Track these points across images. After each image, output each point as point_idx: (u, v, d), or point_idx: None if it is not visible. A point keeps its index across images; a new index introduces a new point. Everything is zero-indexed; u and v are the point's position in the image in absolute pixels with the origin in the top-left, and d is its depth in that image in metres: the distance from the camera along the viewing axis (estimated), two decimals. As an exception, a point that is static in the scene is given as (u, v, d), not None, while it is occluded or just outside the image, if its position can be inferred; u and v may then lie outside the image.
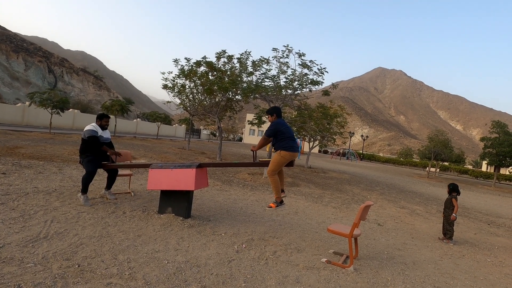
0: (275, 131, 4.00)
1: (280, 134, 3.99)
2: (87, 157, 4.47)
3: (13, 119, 19.41)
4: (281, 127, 4.01)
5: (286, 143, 3.95)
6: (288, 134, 4.00)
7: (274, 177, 3.98)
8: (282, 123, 4.09)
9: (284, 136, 3.98)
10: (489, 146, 20.62)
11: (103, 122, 4.71)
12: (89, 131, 4.50)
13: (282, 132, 3.98)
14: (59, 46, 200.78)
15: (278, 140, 4.00)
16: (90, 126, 4.58)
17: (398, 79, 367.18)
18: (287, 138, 3.98)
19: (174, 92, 14.23)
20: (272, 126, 4.04)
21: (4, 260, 2.50)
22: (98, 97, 49.02)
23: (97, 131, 4.57)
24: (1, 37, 41.79)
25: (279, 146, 3.98)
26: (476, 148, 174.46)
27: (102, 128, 4.69)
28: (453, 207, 5.30)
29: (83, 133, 4.52)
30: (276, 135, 4.01)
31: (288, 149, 3.94)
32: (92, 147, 4.51)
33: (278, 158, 3.95)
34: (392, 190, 11.86)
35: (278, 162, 3.96)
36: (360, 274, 3.29)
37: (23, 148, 8.69)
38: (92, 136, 4.48)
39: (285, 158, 3.95)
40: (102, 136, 4.65)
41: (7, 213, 3.58)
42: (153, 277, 2.60)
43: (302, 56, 9.81)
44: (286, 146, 3.94)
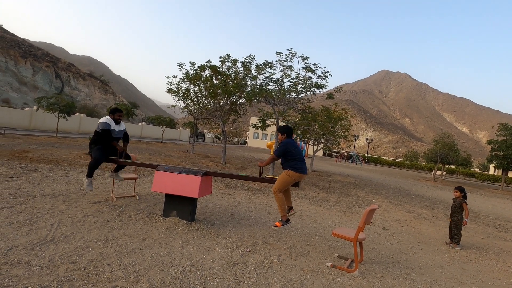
0: (285, 151, 4.00)
1: (289, 154, 3.99)
2: (96, 146, 4.62)
3: (21, 123, 19.72)
4: (291, 147, 4.01)
5: (295, 164, 3.94)
6: (297, 155, 4.00)
7: (279, 195, 3.96)
8: (292, 143, 4.09)
9: (293, 156, 3.97)
10: (496, 149, 20.36)
11: (116, 116, 4.83)
12: (103, 123, 4.62)
13: (292, 152, 3.98)
14: (66, 52, 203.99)
15: (287, 160, 4.00)
16: (104, 118, 4.71)
17: (403, 81, 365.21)
18: (296, 159, 3.98)
19: (179, 96, 14.34)
20: (282, 146, 4.04)
21: (11, 263, 2.53)
22: (104, 102, 49.58)
23: (111, 125, 4.69)
24: (10, 43, 42.62)
25: (287, 165, 3.98)
26: (483, 151, 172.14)
27: (116, 122, 4.80)
28: (462, 211, 5.23)
29: (97, 125, 4.66)
30: (285, 155, 4.01)
31: (297, 170, 3.92)
32: (103, 140, 4.63)
33: (285, 178, 3.94)
34: (398, 194, 11.75)
35: (285, 181, 3.95)
36: (365, 279, 3.26)
37: (30, 152, 8.82)
38: (105, 129, 4.60)
39: (293, 178, 3.94)
40: (115, 130, 4.76)
41: (14, 216, 3.63)
42: (158, 280, 2.61)
43: (305, 60, 9.82)
44: (295, 167, 3.93)
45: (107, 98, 51.66)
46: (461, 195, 5.32)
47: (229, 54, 12.13)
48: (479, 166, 52.53)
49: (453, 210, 5.35)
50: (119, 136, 4.88)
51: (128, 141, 5.14)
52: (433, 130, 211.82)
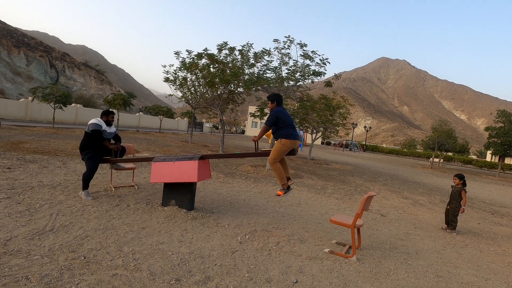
0: (275, 119, 3.98)
1: (280, 122, 3.97)
2: (87, 154, 4.47)
3: (17, 114, 19.52)
4: (281, 115, 3.98)
5: (286, 131, 3.93)
6: (288, 122, 3.98)
7: (276, 165, 3.97)
8: (282, 110, 4.06)
9: (284, 124, 3.96)
10: (494, 136, 20.43)
11: (110, 118, 4.73)
12: (93, 124, 4.51)
13: (282, 120, 3.96)
14: (60, 41, 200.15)
15: (278, 128, 3.98)
16: (95, 120, 4.58)
17: (402, 69, 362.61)
18: (287, 126, 3.96)
19: (176, 85, 14.18)
20: (272, 114, 4.01)
21: (11, 253, 2.54)
22: (100, 92, 49.05)
23: (101, 126, 4.58)
24: (2, 32, 41.69)
25: (279, 134, 3.97)
26: (481, 138, 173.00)
27: (108, 124, 4.71)
28: (460, 199, 5.26)
29: (87, 126, 4.54)
30: (276, 123, 3.99)
31: (288, 137, 3.92)
32: (94, 142, 4.51)
33: (279, 146, 3.94)
34: (395, 181, 11.84)
35: (279, 150, 3.95)
36: (362, 264, 3.31)
37: (27, 143, 8.76)
38: (96, 130, 4.50)
39: (286, 146, 3.93)
40: (106, 131, 4.66)
41: (13, 207, 3.63)
42: (158, 268, 2.63)
43: (303, 47, 9.67)
44: (286, 134, 3.93)
45: (103, 88, 51.09)
46: (461, 182, 5.33)
47: (226, 42, 11.91)
48: (476, 153, 52.87)
49: (452, 197, 5.36)
50: (109, 137, 4.77)
51: (120, 141, 5.01)
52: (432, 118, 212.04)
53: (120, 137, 5.07)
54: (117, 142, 4.94)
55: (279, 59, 10.18)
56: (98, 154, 4.57)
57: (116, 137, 4.94)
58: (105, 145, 4.63)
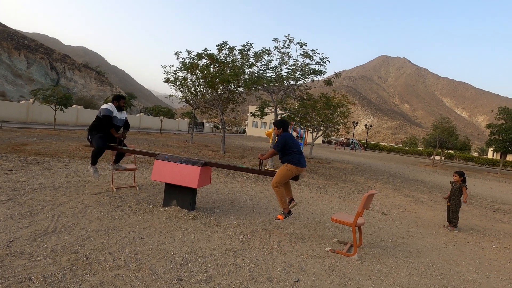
0: (283, 145, 3.98)
1: (287, 148, 3.97)
2: (97, 133, 4.61)
3: (18, 116, 19.58)
4: (289, 140, 3.99)
5: (294, 157, 3.93)
6: (295, 148, 3.98)
7: (279, 188, 3.96)
8: (290, 136, 4.06)
9: (291, 150, 3.96)
10: (495, 133, 20.38)
11: (121, 103, 4.82)
12: (104, 109, 4.61)
13: (290, 146, 3.97)
14: (60, 43, 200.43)
15: (286, 154, 3.98)
16: (107, 105, 4.69)
17: (402, 67, 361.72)
18: (295, 152, 3.96)
19: (176, 86, 14.20)
20: (281, 140, 4.02)
21: (14, 254, 2.56)
22: (100, 93, 49.13)
23: (113, 111, 4.68)
24: (2, 34, 41.80)
25: (286, 159, 3.97)
26: (482, 135, 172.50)
27: (119, 109, 4.79)
28: (461, 195, 5.28)
29: (99, 110, 4.65)
30: (283, 148, 3.99)
31: (295, 163, 3.91)
32: (103, 126, 4.62)
33: (284, 171, 3.93)
34: (397, 179, 11.83)
35: (284, 175, 3.94)
36: (364, 262, 3.31)
37: (28, 145, 8.79)
38: (107, 116, 4.59)
39: (292, 172, 3.93)
40: (117, 117, 4.75)
41: (15, 209, 3.65)
42: (160, 268, 2.65)
43: (303, 46, 9.67)
44: (294, 161, 3.92)
45: (103, 89, 51.18)
46: (461, 179, 5.34)
47: (226, 42, 11.93)
48: (478, 150, 52.75)
49: (452, 194, 5.37)
50: (119, 124, 4.88)
51: (128, 129, 5.14)
52: (433, 115, 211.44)
53: (129, 124, 5.17)
54: (124, 130, 5.04)
55: (279, 59, 10.19)
56: (107, 136, 4.70)
57: (125, 124, 5.04)
58: (111, 132, 4.73)
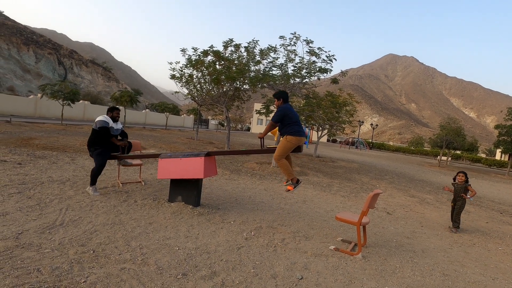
0: (282, 116, 3.97)
1: (286, 119, 3.97)
2: (96, 150, 4.53)
3: (26, 111, 19.86)
4: (288, 112, 3.98)
5: (292, 128, 3.93)
6: (294, 119, 3.98)
7: (282, 161, 3.97)
8: (289, 108, 4.06)
9: (290, 121, 3.95)
10: (504, 134, 20.05)
11: (114, 114, 4.79)
12: (100, 121, 4.56)
13: (289, 117, 3.96)
14: (67, 38, 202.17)
15: (285, 126, 3.98)
16: (102, 117, 4.64)
17: (410, 66, 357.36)
18: (294, 123, 3.96)
19: (182, 82, 14.24)
20: (279, 111, 4.01)
21: (23, 246, 2.61)
22: (107, 89, 49.52)
23: (109, 122, 4.64)
24: (12, 30, 42.32)
25: (285, 131, 3.97)
26: (490, 136, 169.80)
27: (114, 120, 4.78)
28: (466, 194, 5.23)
29: (95, 123, 4.60)
30: (282, 120, 3.99)
31: (294, 133, 3.92)
32: (102, 138, 4.57)
33: (284, 143, 3.94)
34: (402, 179, 11.74)
35: (285, 147, 3.95)
36: (368, 262, 3.30)
37: (37, 139, 8.92)
38: (103, 127, 4.55)
39: (292, 142, 3.93)
40: (113, 128, 4.73)
41: (24, 202, 3.71)
42: (165, 262, 2.68)
43: (310, 43, 9.61)
44: (292, 131, 3.92)
45: (110, 85, 51.56)
46: (465, 179, 5.29)
47: (232, 39, 11.90)
48: (486, 151, 52.00)
49: (456, 194, 5.30)
50: (116, 134, 4.83)
51: (127, 137, 5.07)
52: (440, 115, 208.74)
53: (126, 133, 5.14)
54: (124, 139, 5.00)
55: (285, 56, 10.14)
56: (106, 150, 4.63)
57: (122, 134, 5.01)
58: (112, 141, 4.70)
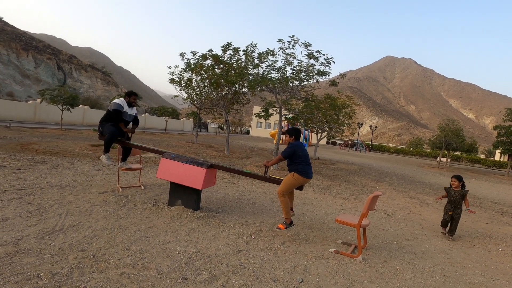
0: (292, 153, 3.97)
1: (296, 157, 3.95)
2: (108, 123, 4.74)
3: (26, 116, 19.87)
4: (299, 150, 3.97)
5: (302, 168, 3.91)
6: (304, 159, 3.97)
7: (284, 197, 3.93)
8: (300, 146, 4.04)
9: (300, 160, 3.94)
10: (502, 135, 20.10)
11: (132, 99, 4.94)
12: (115, 104, 4.73)
13: (299, 155, 3.95)
14: (67, 43, 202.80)
15: (294, 163, 3.97)
16: (118, 100, 4.82)
17: (408, 67, 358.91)
18: (303, 162, 3.95)
19: (181, 86, 14.28)
20: (290, 148, 4.00)
21: (23, 251, 2.61)
22: (106, 93, 49.60)
23: (123, 106, 4.79)
24: (11, 35, 42.47)
25: (293, 168, 3.95)
26: (489, 137, 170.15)
27: (130, 105, 4.91)
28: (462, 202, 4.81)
29: (110, 104, 4.78)
30: (291, 157, 3.98)
31: (302, 174, 3.90)
32: (114, 120, 4.73)
33: (290, 180, 3.92)
34: (402, 181, 11.74)
35: (290, 184, 3.93)
36: (368, 264, 3.30)
37: (36, 144, 8.92)
38: (117, 110, 4.70)
39: (298, 181, 3.92)
40: (127, 113, 4.86)
41: (24, 207, 3.71)
42: (165, 267, 2.67)
43: (308, 47, 9.66)
44: (301, 171, 3.90)
45: (109, 89, 51.65)
46: (460, 184, 4.78)
47: (230, 43, 11.96)
48: (485, 152, 52.08)
49: (455, 202, 4.75)
50: (129, 120, 4.98)
51: (137, 125, 5.22)
52: (439, 117, 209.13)
53: (138, 120, 5.25)
54: (133, 125, 5.13)
55: (283, 59, 10.19)
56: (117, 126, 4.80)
57: (135, 120, 5.14)
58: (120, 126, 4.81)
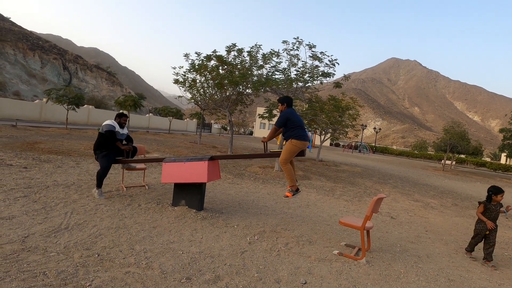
0: (285, 120, 4.01)
1: (290, 123, 4.00)
2: (102, 153, 4.60)
3: (32, 115, 20.09)
4: (291, 116, 4.02)
5: (297, 132, 3.96)
6: (298, 123, 4.01)
7: (287, 165, 3.99)
8: (292, 112, 4.09)
9: (294, 125, 3.99)
10: (508, 138, 19.92)
11: (122, 120, 4.88)
12: (107, 125, 4.65)
13: (292, 121, 4.00)
14: (72, 43, 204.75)
15: (289, 129, 4.01)
16: (109, 121, 4.73)
17: (413, 69, 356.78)
18: (297, 127, 3.99)
19: (185, 87, 14.35)
20: (282, 116, 4.05)
21: (29, 249, 2.64)
22: (111, 93, 49.95)
23: (115, 127, 4.72)
24: (18, 35, 43.00)
25: (289, 135, 4.00)
26: (495, 140, 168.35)
27: (120, 126, 4.85)
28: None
29: (101, 127, 4.69)
30: (286, 124, 4.02)
31: (298, 137, 3.95)
32: (107, 142, 4.64)
33: (289, 147, 3.97)
34: (406, 183, 11.67)
35: (290, 151, 3.97)
36: (372, 266, 3.29)
37: (42, 143, 9.01)
38: (109, 131, 4.63)
39: (297, 146, 3.96)
40: (119, 132, 4.80)
41: (30, 205, 3.75)
42: (169, 266, 2.69)
43: (312, 48, 9.66)
44: (296, 135, 3.96)
45: (114, 89, 52.02)
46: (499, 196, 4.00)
47: (235, 44, 12.00)
48: (490, 155, 51.54)
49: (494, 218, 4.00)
50: (122, 139, 4.91)
51: (132, 142, 5.14)
52: (443, 119, 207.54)
53: (132, 138, 5.20)
54: (129, 143, 5.06)
55: (287, 61, 10.19)
56: (112, 153, 4.70)
57: (128, 138, 5.08)
58: (117, 145, 4.75)
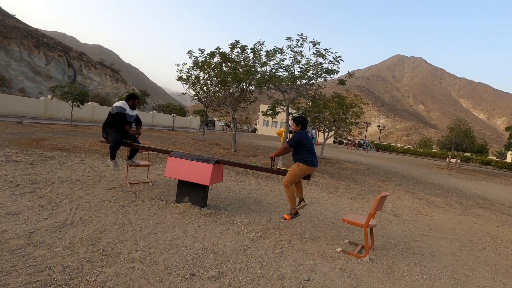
0: (297, 142, 3.96)
1: (301, 146, 3.95)
2: (111, 129, 4.75)
3: (37, 112, 20.26)
4: (304, 139, 3.96)
5: (306, 157, 3.90)
6: (308, 148, 3.95)
7: (290, 188, 3.94)
8: (305, 135, 4.03)
9: (305, 149, 3.93)
10: (515, 136, 19.67)
11: (135, 102, 4.99)
12: (118, 107, 4.73)
13: (304, 144, 3.94)
14: (77, 40, 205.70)
15: (298, 152, 3.96)
16: (120, 103, 4.82)
17: (418, 66, 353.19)
18: (308, 151, 3.93)
19: (189, 84, 14.36)
20: (296, 137, 4.00)
21: (35, 244, 2.67)
22: (115, 90, 50.16)
23: (126, 109, 4.80)
24: (23, 33, 43.26)
25: (298, 158, 3.95)
26: (501, 138, 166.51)
27: (132, 108, 4.94)
28: None
29: (112, 108, 4.77)
30: (297, 146, 3.97)
31: (307, 163, 3.89)
32: (117, 123, 4.75)
33: (296, 170, 3.92)
34: (410, 181, 11.60)
35: (296, 174, 3.92)
36: (375, 264, 3.28)
37: (47, 140, 9.10)
38: (120, 113, 4.72)
39: (303, 171, 3.91)
40: (128, 114, 4.89)
41: (35, 201, 3.79)
42: (173, 262, 2.70)
43: (316, 45, 9.60)
44: (305, 159, 3.90)
45: (118, 86, 52.22)
46: None
47: (238, 40, 11.97)
48: (496, 153, 51.00)
49: None
50: (131, 121, 5.01)
51: (140, 125, 5.25)
52: (448, 117, 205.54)
53: (140, 120, 5.30)
54: (137, 126, 5.16)
55: (291, 58, 10.15)
56: (121, 130, 4.82)
57: (137, 120, 5.17)
58: (126, 129, 4.85)
